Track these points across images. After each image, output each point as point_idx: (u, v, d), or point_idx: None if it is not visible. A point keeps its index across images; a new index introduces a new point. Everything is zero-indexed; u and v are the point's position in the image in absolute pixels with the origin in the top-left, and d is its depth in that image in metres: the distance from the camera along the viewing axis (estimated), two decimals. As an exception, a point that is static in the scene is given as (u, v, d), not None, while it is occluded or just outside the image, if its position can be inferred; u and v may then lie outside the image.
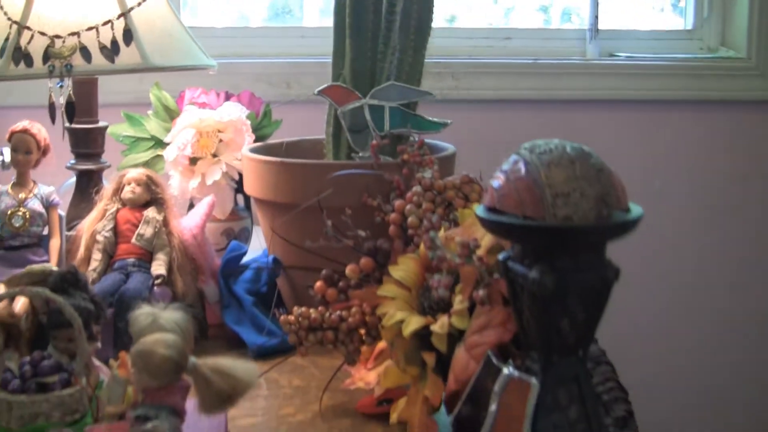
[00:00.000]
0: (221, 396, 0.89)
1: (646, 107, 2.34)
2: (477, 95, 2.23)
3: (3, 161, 1.47)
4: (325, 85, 1.42)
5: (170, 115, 1.62)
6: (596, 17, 2.39)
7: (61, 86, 1.32)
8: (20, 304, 1.07)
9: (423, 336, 1.03)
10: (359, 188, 1.25)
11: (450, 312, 1.00)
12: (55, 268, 1.07)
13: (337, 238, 1.20)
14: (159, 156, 1.60)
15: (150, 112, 1.65)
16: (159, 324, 0.91)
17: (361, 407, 1.15)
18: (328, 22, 1.48)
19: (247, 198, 1.63)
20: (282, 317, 1.16)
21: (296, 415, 1.14)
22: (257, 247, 1.54)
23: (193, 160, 1.54)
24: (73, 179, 1.54)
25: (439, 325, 1.00)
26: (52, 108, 1.34)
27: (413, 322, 1.03)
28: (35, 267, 1.07)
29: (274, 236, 1.34)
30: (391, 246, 1.17)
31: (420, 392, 1.04)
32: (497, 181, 0.81)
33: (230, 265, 1.40)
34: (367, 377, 1.17)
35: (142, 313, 0.93)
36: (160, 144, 1.61)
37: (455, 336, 1.00)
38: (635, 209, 0.80)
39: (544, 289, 0.78)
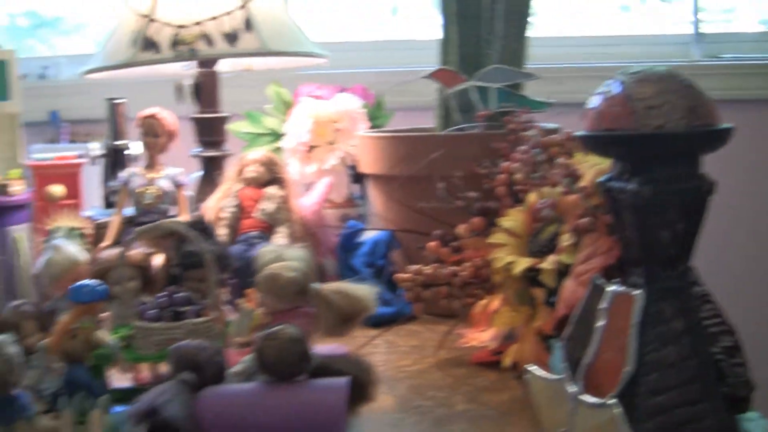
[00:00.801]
0: (342, 316, 0.95)
1: (750, 107, 2.33)
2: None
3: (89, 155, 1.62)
4: (434, 69, 1.48)
5: (287, 107, 1.71)
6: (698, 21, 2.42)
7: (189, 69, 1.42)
8: (157, 258, 1.16)
9: (531, 278, 1.08)
10: (467, 158, 1.31)
11: (557, 250, 1.05)
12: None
13: (449, 200, 1.25)
14: (278, 149, 1.69)
15: (268, 106, 1.74)
16: (283, 257, 0.98)
17: (475, 359, 1.20)
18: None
19: (361, 187, 1.70)
20: (398, 275, 1.21)
21: (413, 366, 1.20)
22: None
23: (310, 149, 1.61)
24: (200, 172, 1.64)
25: (548, 262, 1.05)
26: (178, 89, 1.44)
27: (522, 263, 1.08)
28: (165, 221, 1.15)
29: (388, 207, 1.40)
30: (500, 206, 1.22)
31: (530, 329, 1.09)
32: (593, 102, 0.86)
33: (348, 240, 1.46)
34: (480, 337, 1.22)
35: (267, 250, 1.00)
36: (279, 137, 1.70)
37: (562, 273, 1.04)
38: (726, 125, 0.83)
39: (642, 199, 0.82)
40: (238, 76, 1.72)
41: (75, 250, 1.15)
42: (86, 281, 1.00)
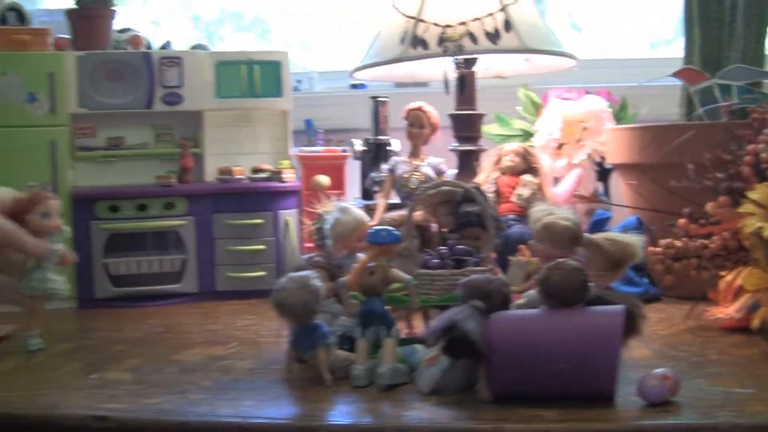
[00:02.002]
0: (613, 261, 1.03)
1: None
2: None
3: (354, 150, 1.75)
4: (679, 68, 1.56)
5: (536, 109, 1.82)
6: None
7: (455, 63, 1.55)
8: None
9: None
10: (713, 145, 1.37)
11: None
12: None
13: (698, 180, 1.31)
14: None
15: (519, 107, 1.85)
16: (554, 212, 1.07)
17: (723, 325, 1.27)
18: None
19: (605, 185, 1.78)
20: (649, 248, 1.28)
21: (664, 331, 1.29)
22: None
23: (559, 146, 1.71)
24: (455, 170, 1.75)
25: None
26: (446, 82, 1.58)
27: (771, 227, 1.15)
28: (446, 185, 1.27)
29: (636, 192, 1.47)
30: (746, 185, 1.27)
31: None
32: None
33: (597, 228, 1.54)
34: (725, 310, 1.28)
35: (539, 209, 1.10)
36: (528, 137, 1.80)
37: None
38: None
39: None
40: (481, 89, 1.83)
41: (360, 212, 1.28)
42: (383, 226, 1.12)
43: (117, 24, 1.81)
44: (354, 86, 2.31)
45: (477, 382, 0.95)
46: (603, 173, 1.79)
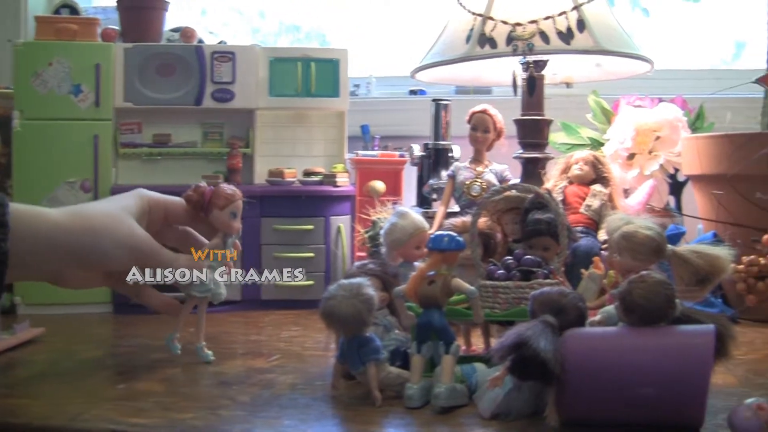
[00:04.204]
0: (698, 275, 0.93)
1: None
2: None
3: (412, 155, 1.66)
4: (763, 74, 1.46)
5: (606, 116, 1.71)
6: None
7: (524, 63, 1.45)
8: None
9: None
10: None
11: None
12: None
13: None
14: (598, 155, 1.69)
15: (588, 115, 1.74)
16: (633, 221, 0.97)
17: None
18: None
19: (677, 198, 1.67)
20: (732, 265, 1.17)
21: (747, 356, 1.16)
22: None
23: (630, 156, 1.60)
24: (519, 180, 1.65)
25: None
26: (515, 84, 1.48)
27: None
28: (513, 192, 1.17)
29: (713, 206, 1.37)
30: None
31: None
32: None
33: (671, 243, 1.43)
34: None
35: (616, 217, 1.00)
36: (597, 146, 1.70)
37: None
38: None
39: None
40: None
41: (419, 217, 1.18)
42: (446, 232, 1.02)
43: (171, 23, 1.75)
44: (413, 92, 2.24)
45: (545, 407, 0.85)
46: (676, 186, 1.69)
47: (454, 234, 0.98)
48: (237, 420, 0.88)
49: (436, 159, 1.68)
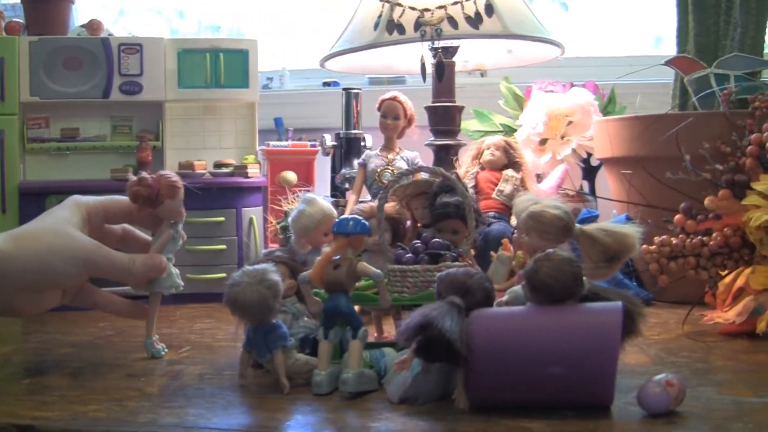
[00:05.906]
0: (606, 254, 0.92)
1: None
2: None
3: (324, 145, 1.66)
4: (673, 56, 1.46)
5: (518, 102, 1.71)
6: None
7: (433, 49, 1.44)
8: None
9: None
10: (712, 136, 1.27)
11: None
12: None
13: (695, 173, 1.21)
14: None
15: (501, 101, 1.74)
16: (540, 202, 0.97)
17: (722, 331, 1.17)
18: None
19: (592, 184, 1.68)
20: (643, 246, 1.18)
21: (660, 336, 1.18)
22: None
23: (543, 141, 1.61)
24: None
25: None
26: (423, 68, 1.47)
27: (780, 221, 1.04)
28: (420, 177, 1.16)
29: (626, 189, 1.37)
30: (749, 178, 1.18)
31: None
32: None
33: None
34: (724, 315, 1.19)
35: (524, 198, 0.99)
36: (510, 132, 1.70)
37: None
38: None
39: None
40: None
41: (327, 204, 1.16)
42: (351, 215, 1.00)
43: (82, 19, 1.71)
44: (326, 84, 2.22)
45: (454, 390, 0.84)
46: (589, 170, 1.69)
47: (360, 218, 0.97)
48: (142, 411, 0.85)
49: (347, 148, 1.67)
